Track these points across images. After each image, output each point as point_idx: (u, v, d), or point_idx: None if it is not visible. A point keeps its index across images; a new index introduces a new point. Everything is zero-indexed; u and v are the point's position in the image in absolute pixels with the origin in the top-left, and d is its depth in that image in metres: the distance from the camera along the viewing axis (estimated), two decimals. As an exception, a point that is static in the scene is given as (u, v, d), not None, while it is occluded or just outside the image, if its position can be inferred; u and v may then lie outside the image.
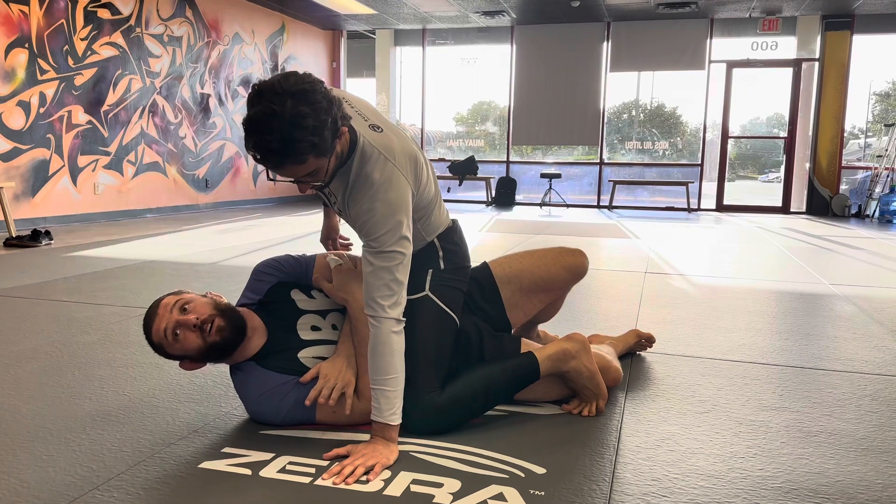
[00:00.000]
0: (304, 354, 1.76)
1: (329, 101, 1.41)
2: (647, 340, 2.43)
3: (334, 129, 1.43)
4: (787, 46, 9.77)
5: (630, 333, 2.40)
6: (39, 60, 6.25)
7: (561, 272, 2.04)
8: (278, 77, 1.40)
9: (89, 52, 6.80)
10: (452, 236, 1.90)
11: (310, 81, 1.40)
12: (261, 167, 9.61)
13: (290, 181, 1.50)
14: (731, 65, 9.78)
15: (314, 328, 1.81)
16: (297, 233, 6.24)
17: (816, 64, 9.46)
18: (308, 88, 1.38)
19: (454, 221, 1.95)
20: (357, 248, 1.96)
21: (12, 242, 5.10)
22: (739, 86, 9.86)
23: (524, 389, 1.83)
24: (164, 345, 1.66)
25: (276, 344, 1.76)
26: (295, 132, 1.36)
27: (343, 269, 1.81)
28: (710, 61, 9.77)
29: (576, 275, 2.07)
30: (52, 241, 5.25)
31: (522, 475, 1.49)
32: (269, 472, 1.49)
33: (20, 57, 6.07)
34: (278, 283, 1.86)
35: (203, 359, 1.70)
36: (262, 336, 1.76)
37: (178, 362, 1.82)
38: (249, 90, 1.43)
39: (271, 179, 1.55)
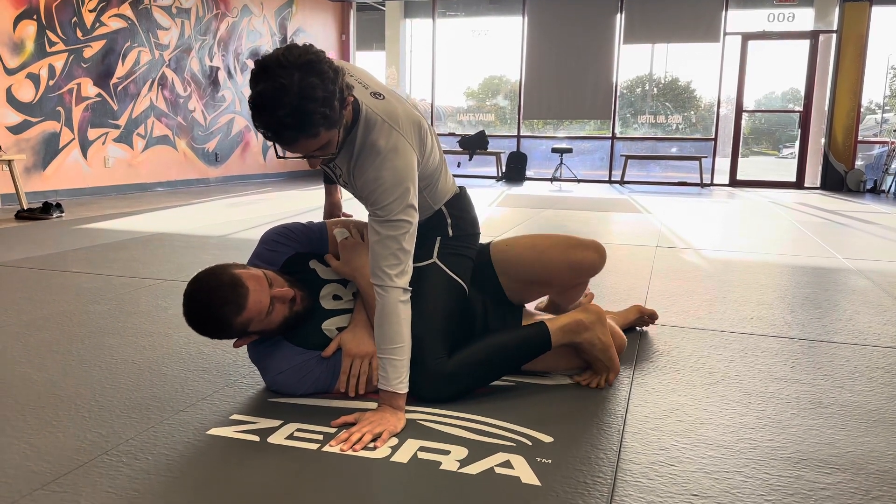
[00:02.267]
0: (328, 325, 1.76)
1: (335, 70, 1.39)
2: (649, 317, 2.37)
3: (342, 98, 1.40)
4: (804, 18, 9.58)
5: (632, 309, 2.36)
6: (48, 32, 6.22)
7: (563, 270, 1.89)
8: (281, 50, 1.36)
9: (98, 24, 6.76)
10: (460, 203, 1.88)
11: (314, 52, 1.38)
12: (269, 143, 9.59)
13: (300, 157, 1.47)
14: (747, 37, 9.60)
15: (336, 297, 1.80)
16: (307, 207, 6.23)
17: (834, 36, 9.27)
18: (314, 59, 1.36)
19: (461, 189, 1.92)
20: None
21: (24, 215, 5.13)
22: (755, 59, 9.69)
23: (536, 359, 1.82)
24: (255, 321, 1.58)
25: (311, 309, 1.75)
26: (307, 104, 1.33)
27: (349, 245, 1.78)
28: (726, 33, 9.59)
29: (581, 273, 1.92)
30: (63, 214, 5.27)
31: (529, 443, 1.48)
32: (277, 438, 1.49)
33: (28, 28, 6.05)
34: (295, 254, 1.84)
35: (278, 332, 1.67)
36: None
37: (197, 337, 1.82)
38: (253, 66, 1.39)
39: (281, 157, 1.53)
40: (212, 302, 1.54)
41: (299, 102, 1.33)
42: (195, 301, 1.56)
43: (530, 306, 2.22)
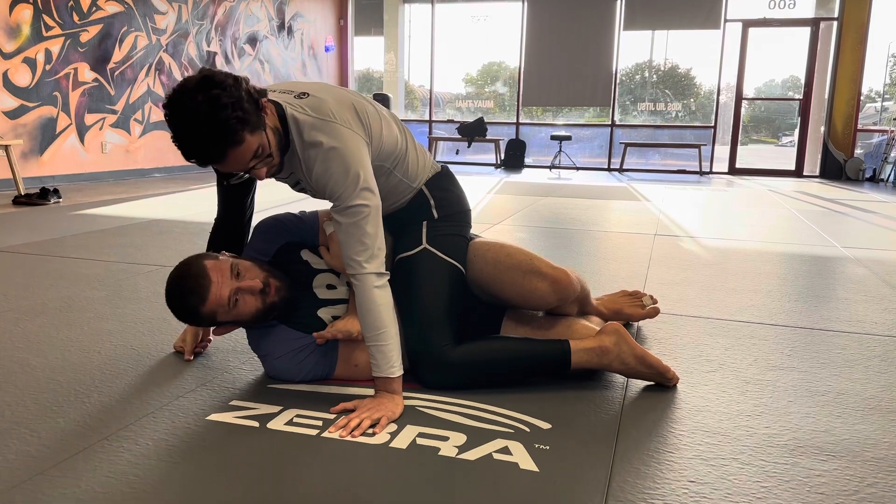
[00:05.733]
0: (322, 313, 1.76)
1: (234, 78, 1.42)
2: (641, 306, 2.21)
3: (252, 100, 1.43)
4: (805, 5, 9.53)
5: (619, 296, 2.24)
6: (44, 16, 6.17)
7: (514, 295, 1.79)
8: (178, 85, 1.42)
9: (94, 9, 6.71)
10: (441, 182, 1.86)
11: (208, 70, 1.43)
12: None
13: (243, 174, 1.49)
14: (748, 24, 9.56)
15: (329, 287, 1.80)
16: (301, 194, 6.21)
17: (835, 24, 9.23)
18: (208, 74, 1.40)
19: (443, 167, 1.91)
20: None
21: (21, 200, 5.11)
22: (755, 46, 9.65)
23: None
24: (220, 312, 1.59)
25: (294, 303, 1.75)
26: (219, 114, 1.36)
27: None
28: (726, 20, 9.55)
29: (529, 303, 1.81)
30: (61, 200, 5.25)
31: (528, 430, 1.49)
32: (276, 424, 1.50)
33: (25, 13, 6.00)
34: (286, 244, 1.84)
35: (254, 322, 1.67)
36: None
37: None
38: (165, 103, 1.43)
39: (234, 183, 1.55)
40: (179, 291, 1.60)
41: (212, 114, 1.36)
42: (168, 289, 1.62)
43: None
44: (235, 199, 1.83)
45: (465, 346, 1.69)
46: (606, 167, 10.37)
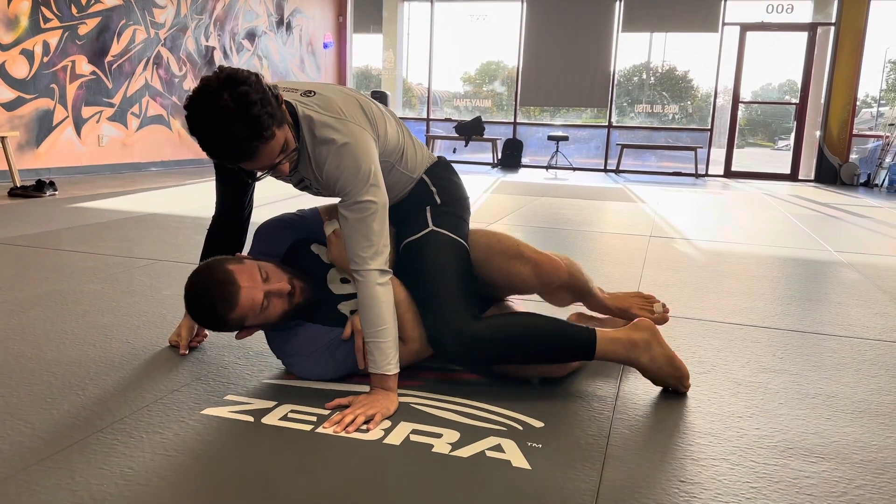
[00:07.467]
0: (343, 308, 1.75)
1: (255, 74, 1.42)
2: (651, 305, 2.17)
3: (275, 95, 1.43)
4: (802, 10, 9.57)
5: (629, 296, 2.19)
6: (42, 8, 6.15)
7: (500, 279, 1.79)
8: (199, 85, 1.40)
9: (93, 1, 6.68)
10: (440, 171, 1.88)
11: (229, 68, 1.42)
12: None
13: (269, 170, 1.50)
14: (745, 27, 9.59)
15: (343, 280, 1.79)
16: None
17: (832, 29, 9.27)
18: (231, 73, 1.39)
19: (440, 158, 1.93)
20: None
21: (17, 192, 5.10)
22: (753, 50, 9.69)
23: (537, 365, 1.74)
24: (250, 317, 1.57)
25: (317, 301, 1.74)
26: (250, 110, 1.36)
27: (339, 235, 1.78)
28: (724, 23, 9.58)
29: (514, 287, 1.83)
30: (57, 192, 5.24)
31: (520, 428, 1.50)
32: (270, 419, 1.50)
33: (23, 4, 5.98)
34: (294, 242, 1.82)
35: (279, 323, 1.66)
36: None
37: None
38: (185, 112, 1.41)
39: (256, 180, 1.57)
40: (205, 299, 1.56)
41: (243, 112, 1.35)
42: (192, 297, 1.59)
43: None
44: (235, 197, 1.82)
45: (488, 321, 1.66)
46: (603, 168, 10.39)
